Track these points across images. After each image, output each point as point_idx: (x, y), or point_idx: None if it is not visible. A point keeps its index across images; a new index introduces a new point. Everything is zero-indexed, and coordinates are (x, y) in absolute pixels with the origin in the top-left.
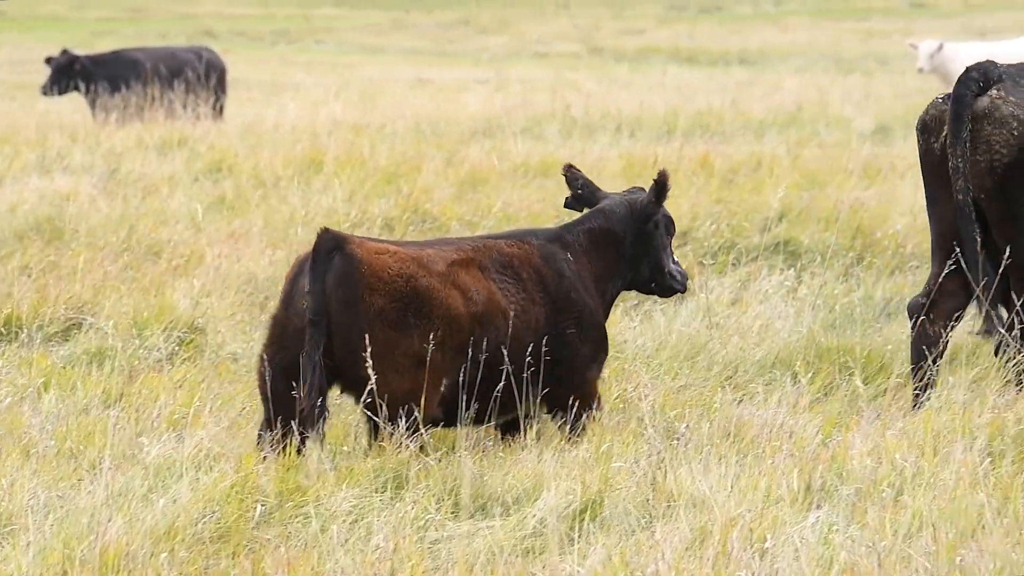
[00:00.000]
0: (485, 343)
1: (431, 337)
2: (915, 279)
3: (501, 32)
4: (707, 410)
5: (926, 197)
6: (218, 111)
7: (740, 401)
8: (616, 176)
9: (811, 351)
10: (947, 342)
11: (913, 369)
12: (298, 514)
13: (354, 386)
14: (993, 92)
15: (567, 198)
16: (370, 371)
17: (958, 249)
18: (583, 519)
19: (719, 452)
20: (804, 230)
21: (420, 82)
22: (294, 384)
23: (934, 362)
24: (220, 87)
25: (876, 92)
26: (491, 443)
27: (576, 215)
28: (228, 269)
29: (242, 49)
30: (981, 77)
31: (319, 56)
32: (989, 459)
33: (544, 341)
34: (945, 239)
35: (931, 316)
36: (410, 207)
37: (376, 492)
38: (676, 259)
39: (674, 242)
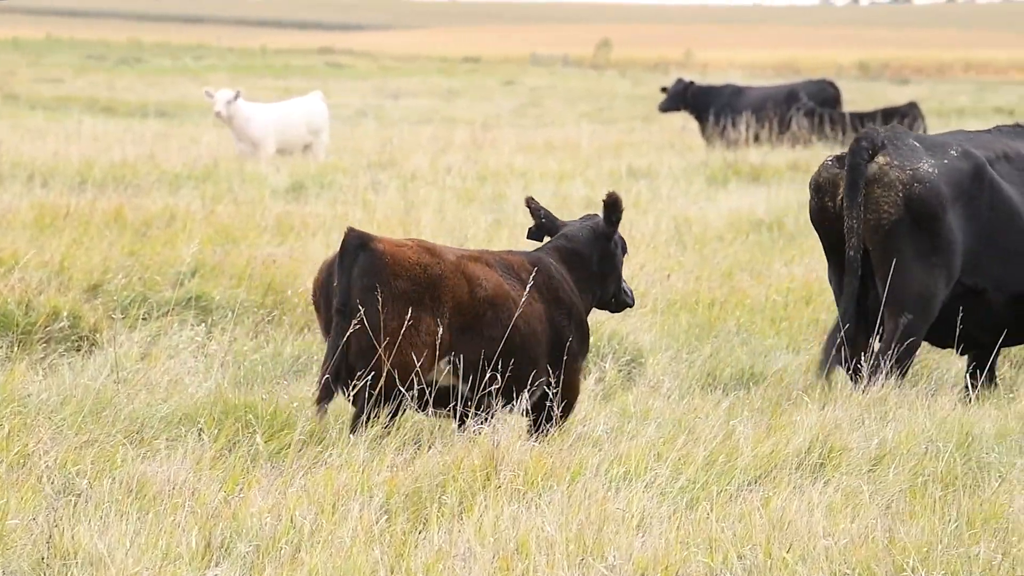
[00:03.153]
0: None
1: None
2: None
3: None
4: (110, 466)
5: (825, 250)
6: None
7: (144, 458)
8: (28, 227)
9: (218, 407)
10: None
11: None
12: None
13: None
14: (881, 159)
15: (530, 228)
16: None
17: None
18: None
19: (120, 509)
20: (216, 285)
21: None
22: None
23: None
24: None
25: None
26: None
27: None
28: None
29: None
30: (870, 145)
31: None
32: (385, 516)
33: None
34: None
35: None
36: None
37: None
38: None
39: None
